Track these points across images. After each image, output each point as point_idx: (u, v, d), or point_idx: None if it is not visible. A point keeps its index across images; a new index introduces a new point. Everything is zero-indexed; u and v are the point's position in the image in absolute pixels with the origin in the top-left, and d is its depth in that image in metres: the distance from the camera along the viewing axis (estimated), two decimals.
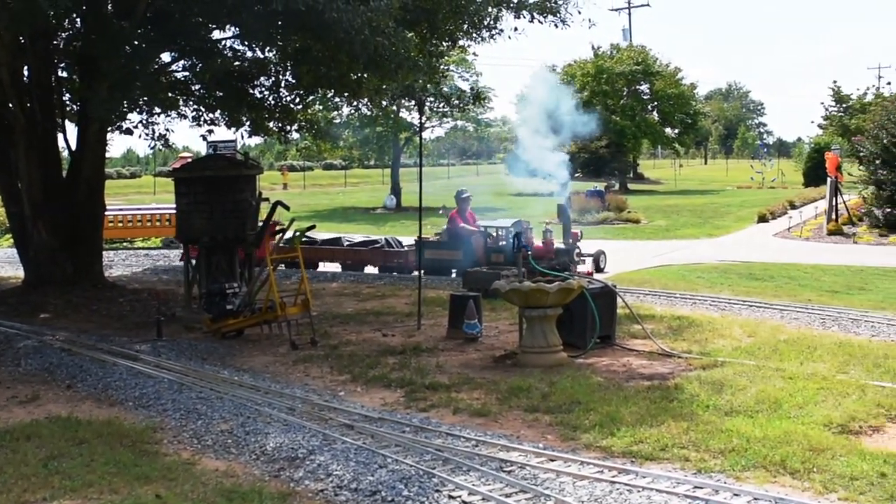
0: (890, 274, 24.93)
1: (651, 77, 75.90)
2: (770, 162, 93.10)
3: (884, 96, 65.95)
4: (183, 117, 22.95)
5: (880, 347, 13.86)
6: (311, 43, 18.07)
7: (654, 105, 77.39)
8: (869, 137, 37.22)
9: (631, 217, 42.70)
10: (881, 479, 8.45)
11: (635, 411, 10.70)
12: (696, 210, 46.85)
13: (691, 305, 18.28)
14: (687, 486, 8.37)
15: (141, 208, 37.50)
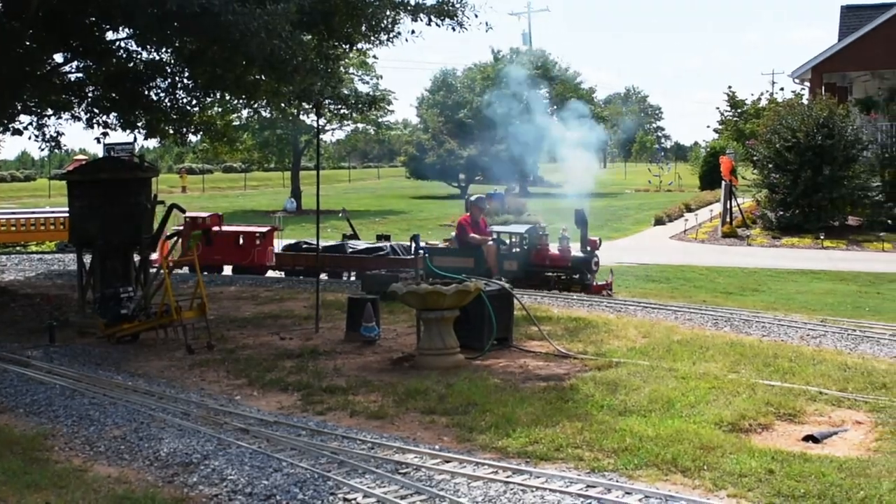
0: (782, 275, 25.48)
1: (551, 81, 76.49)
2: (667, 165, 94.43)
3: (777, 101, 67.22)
4: (77, 119, 22.52)
5: (770, 347, 14.14)
6: (207, 45, 17.87)
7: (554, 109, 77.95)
8: (762, 142, 37.93)
9: (530, 220, 42.91)
10: (769, 476, 8.62)
11: (531, 412, 10.78)
12: (595, 213, 46.87)
13: (588, 307, 18.46)
14: (580, 485, 8.46)
15: (35, 212, 36.78)
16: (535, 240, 21.62)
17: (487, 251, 21.47)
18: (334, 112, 57.39)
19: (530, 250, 21.53)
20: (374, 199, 64.64)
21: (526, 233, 21.71)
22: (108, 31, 19.78)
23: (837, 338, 15.22)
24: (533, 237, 21.66)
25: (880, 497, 8.00)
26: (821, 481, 8.41)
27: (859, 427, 10.52)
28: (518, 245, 21.68)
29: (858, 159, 36.15)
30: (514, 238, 21.87)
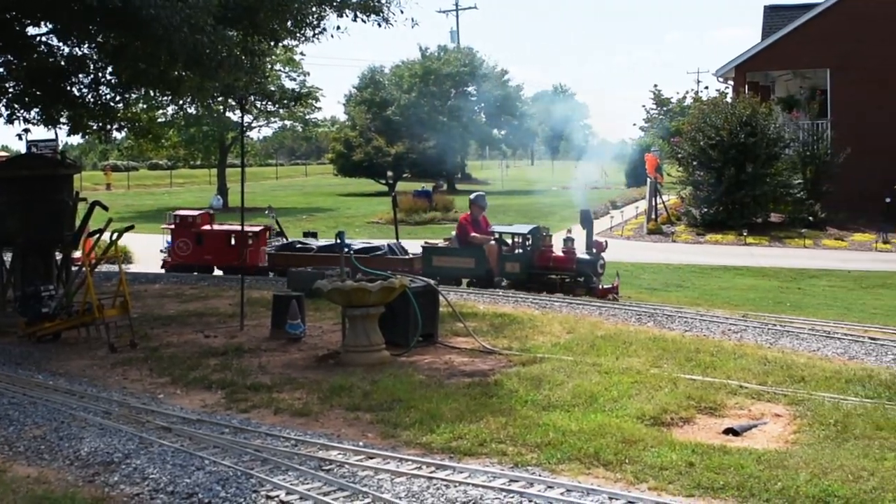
0: (706, 271, 25.81)
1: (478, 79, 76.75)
2: None
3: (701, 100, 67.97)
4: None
5: (692, 342, 14.30)
6: (129, 40, 17.67)
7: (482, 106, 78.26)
8: (687, 140, 38.32)
9: (457, 217, 42.97)
10: (689, 469, 8.72)
11: (455, 408, 10.81)
12: (523, 210, 47.47)
13: (513, 303, 18.54)
14: (503, 479, 8.50)
15: None
16: (538, 241, 20.90)
17: (489, 252, 20.93)
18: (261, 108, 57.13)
19: (533, 252, 20.82)
20: (301, 197, 64.42)
21: (529, 233, 20.95)
22: (29, 25, 19.47)
23: (758, 332, 15.42)
24: (536, 238, 20.92)
25: (797, 488, 8.12)
26: (740, 473, 8.53)
27: (778, 420, 10.67)
28: (521, 246, 21.02)
29: (781, 157, 36.69)
30: (516, 238, 21.20)
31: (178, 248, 24.98)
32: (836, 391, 11.53)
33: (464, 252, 21.30)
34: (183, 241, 25.11)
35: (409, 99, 74.11)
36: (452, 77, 75.54)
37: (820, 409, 10.72)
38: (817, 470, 8.55)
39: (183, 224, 25.14)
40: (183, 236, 25.15)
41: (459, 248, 21.52)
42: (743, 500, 8.08)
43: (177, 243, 25.06)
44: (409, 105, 73.73)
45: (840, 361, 13.34)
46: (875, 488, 8.10)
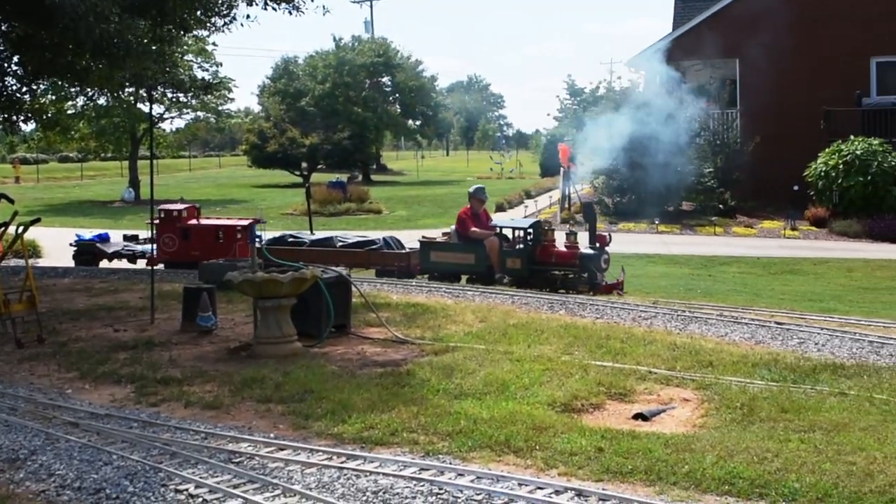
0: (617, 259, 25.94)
1: (392, 69, 76.72)
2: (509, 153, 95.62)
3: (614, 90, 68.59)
4: None
5: (603, 329, 14.44)
6: (35, 29, 17.38)
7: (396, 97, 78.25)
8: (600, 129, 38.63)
9: (373, 208, 43.11)
10: (598, 454, 8.80)
11: (367, 398, 10.79)
12: (437, 200, 47.65)
13: (427, 293, 18.57)
14: (413, 468, 8.51)
15: None
16: (540, 235, 20.22)
17: (490, 247, 20.31)
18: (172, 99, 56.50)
19: (535, 246, 20.09)
20: (215, 188, 63.89)
21: (530, 227, 20.34)
22: None
23: (668, 319, 15.61)
24: (538, 232, 20.24)
25: (703, 470, 8.24)
26: (648, 457, 8.63)
27: (686, 404, 10.82)
28: (522, 241, 20.32)
29: (691, 146, 37.16)
30: (517, 233, 20.55)
31: (163, 243, 23.90)
32: (742, 375, 11.73)
33: (463, 247, 20.74)
34: (168, 236, 24.04)
35: (323, 90, 73.89)
36: (367, 68, 75.47)
37: (727, 392, 10.88)
38: (723, 452, 8.68)
39: (168, 219, 24.06)
40: (168, 231, 24.07)
41: (459, 242, 20.94)
42: (651, 483, 8.18)
43: (162, 238, 23.94)
44: (323, 96, 73.53)
45: (747, 346, 13.55)
46: (779, 469, 8.25)
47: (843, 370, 11.91)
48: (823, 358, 12.69)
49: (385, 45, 78.61)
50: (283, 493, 8.04)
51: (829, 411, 10.11)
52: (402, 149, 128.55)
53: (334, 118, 71.11)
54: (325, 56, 77.46)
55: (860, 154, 34.15)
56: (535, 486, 8.02)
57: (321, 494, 7.97)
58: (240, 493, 8.04)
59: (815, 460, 8.46)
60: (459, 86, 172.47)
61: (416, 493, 7.98)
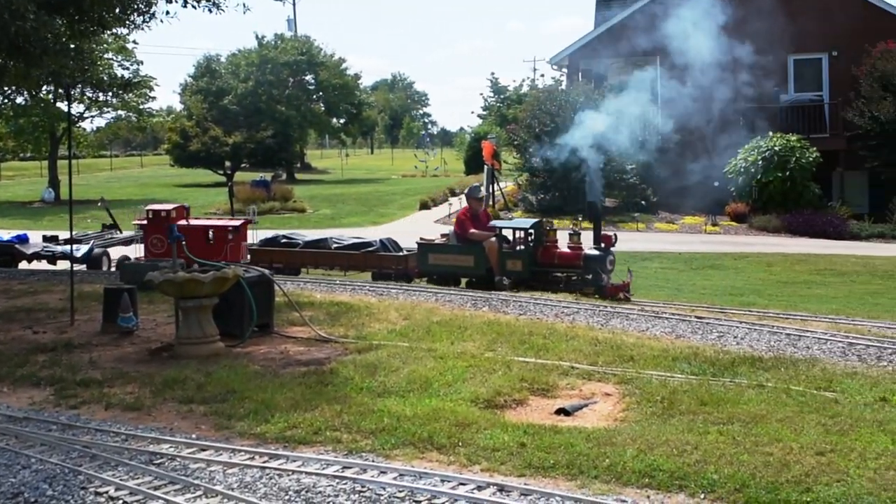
0: None
1: (316, 67, 76.41)
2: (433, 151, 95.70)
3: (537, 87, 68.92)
4: None
5: (526, 325, 14.51)
6: None
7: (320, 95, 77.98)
8: (523, 127, 38.88)
9: (297, 206, 42.94)
10: (520, 449, 8.86)
11: (290, 397, 10.76)
12: (362, 198, 47.58)
13: (351, 291, 18.54)
14: (336, 466, 8.51)
15: None
16: (541, 236, 19.49)
17: (489, 248, 19.57)
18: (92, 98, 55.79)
19: (536, 248, 19.37)
20: (137, 188, 63.14)
21: (532, 228, 19.56)
22: None
23: (590, 314, 15.74)
24: (539, 233, 19.51)
25: (624, 464, 8.34)
26: (569, 452, 8.70)
27: (608, 398, 10.93)
28: (523, 242, 19.54)
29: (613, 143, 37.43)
30: (518, 234, 19.75)
31: (151, 244, 23.14)
32: (663, 369, 11.87)
33: (462, 249, 19.97)
34: (157, 237, 23.18)
35: (246, 88, 73.40)
36: (290, 66, 75.09)
37: (648, 386, 11.01)
38: (644, 445, 8.78)
39: (156, 219, 23.25)
40: (156, 232, 23.16)
41: (458, 244, 20.16)
42: (572, 477, 8.25)
43: (150, 240, 23.19)
44: (246, 94, 73.03)
45: (668, 340, 13.71)
46: (698, 461, 8.36)
47: (761, 363, 12.11)
48: (742, 351, 12.88)
49: (308, 43, 78.25)
50: (205, 494, 7.99)
51: (747, 403, 10.27)
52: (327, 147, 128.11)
53: (257, 117, 70.66)
54: (247, 54, 76.93)
55: (778, 150, 34.72)
56: (458, 483, 8.06)
57: (243, 494, 7.94)
58: (161, 494, 7.98)
59: (733, 452, 8.59)
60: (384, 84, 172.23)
61: (338, 492, 7.97)
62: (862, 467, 8.18)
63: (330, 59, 78.21)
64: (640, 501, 7.74)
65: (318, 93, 78.23)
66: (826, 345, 13.40)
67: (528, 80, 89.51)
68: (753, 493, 7.75)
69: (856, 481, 7.86)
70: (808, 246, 31.36)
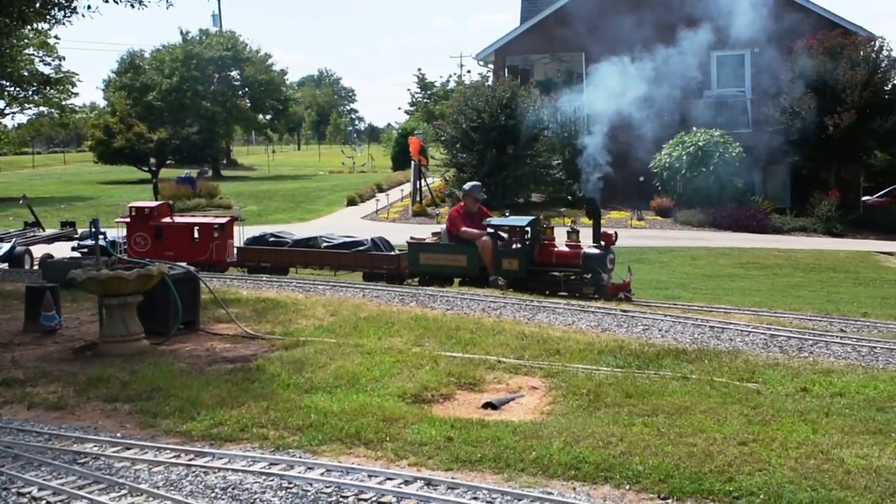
0: None
1: (241, 63, 75.90)
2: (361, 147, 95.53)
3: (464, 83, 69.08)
4: None
5: (453, 320, 14.54)
6: None
7: (246, 91, 77.50)
8: (449, 122, 38.95)
9: (223, 203, 42.64)
10: (448, 443, 8.89)
11: (216, 394, 10.69)
12: (289, 195, 47.36)
13: (277, 288, 18.44)
14: (263, 463, 8.48)
15: None
16: (538, 234, 18.73)
17: (482, 247, 18.76)
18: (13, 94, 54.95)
19: (533, 246, 18.55)
20: (60, 185, 62.32)
21: (528, 226, 18.69)
22: None
23: (517, 309, 15.80)
24: (536, 230, 18.73)
25: (550, 456, 8.39)
26: (496, 445, 8.74)
27: (534, 392, 10.99)
28: (519, 240, 18.67)
29: (540, 139, 37.74)
30: (513, 232, 18.83)
31: (134, 243, 22.26)
32: (589, 362, 11.97)
33: (454, 248, 19.19)
34: (140, 235, 22.40)
35: (170, 84, 72.68)
36: (215, 62, 74.49)
37: (574, 380, 11.09)
38: (570, 438, 8.85)
39: (139, 217, 22.53)
40: (140, 230, 22.46)
41: (450, 243, 19.36)
42: (499, 470, 8.30)
43: (133, 238, 22.34)
44: (170, 90, 72.33)
45: (593, 334, 13.81)
46: (623, 452, 8.45)
47: (685, 355, 12.25)
48: (667, 344, 13.02)
49: (234, 38, 77.70)
50: (130, 493, 7.92)
51: (671, 395, 10.40)
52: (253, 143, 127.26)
53: (182, 113, 70.04)
54: (172, 50, 76.16)
55: (703, 145, 35.13)
56: (385, 478, 8.07)
57: (169, 493, 7.88)
58: (85, 493, 7.90)
59: (657, 443, 8.68)
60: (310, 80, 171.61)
61: (265, 488, 7.95)
62: (783, 456, 8.31)
63: (256, 55, 77.72)
64: (567, 493, 7.80)
65: (244, 88, 77.72)
66: (749, 337, 13.59)
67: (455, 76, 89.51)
68: (678, 483, 7.85)
69: (777, 470, 7.98)
70: (731, 240, 31.76)
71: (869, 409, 9.85)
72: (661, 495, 7.76)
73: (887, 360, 12.20)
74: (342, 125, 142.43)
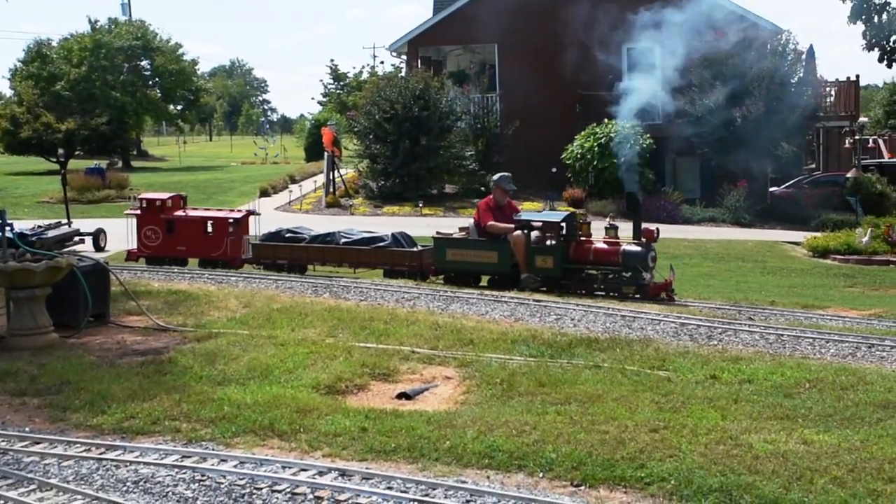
0: None
1: (152, 53, 74.95)
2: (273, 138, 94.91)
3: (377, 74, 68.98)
4: None
5: (367, 311, 14.52)
6: None
7: (156, 81, 76.56)
8: (362, 114, 38.87)
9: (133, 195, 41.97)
10: (362, 434, 8.91)
11: (128, 387, 10.57)
12: (200, 186, 46.84)
13: (190, 280, 18.24)
14: (175, 456, 8.42)
15: None
16: (574, 229, 17.62)
17: (515, 243, 17.55)
18: None
19: (569, 242, 17.41)
20: None
21: (563, 221, 17.54)
22: None
23: (431, 299, 15.81)
24: (572, 226, 17.62)
25: (464, 445, 8.45)
26: (411, 435, 8.78)
27: (448, 382, 11.04)
28: (554, 236, 17.51)
29: (453, 130, 37.84)
30: (548, 228, 17.62)
31: (145, 237, 21.03)
32: (502, 352, 12.05)
33: (485, 244, 18.05)
34: (151, 228, 21.12)
35: (79, 73, 71.45)
36: (125, 51, 73.40)
37: (487, 369, 11.17)
38: (484, 427, 8.92)
39: (150, 209, 21.21)
40: (150, 223, 21.16)
41: (479, 239, 18.25)
42: (414, 460, 8.34)
43: (143, 232, 21.09)
44: (79, 80, 71.12)
45: (507, 323, 13.89)
46: (537, 441, 8.54)
47: (597, 344, 12.39)
48: (579, 333, 13.14)
49: (143, 27, 76.64)
50: (39, 488, 7.82)
51: (584, 383, 10.51)
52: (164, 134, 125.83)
53: (91, 103, 68.88)
54: (80, 39, 74.88)
55: (614, 137, 35.42)
56: (299, 469, 8.06)
57: (79, 487, 7.80)
58: None
59: (570, 431, 8.78)
60: (222, 70, 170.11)
61: (178, 481, 7.90)
62: (693, 443, 8.46)
63: (166, 45, 76.75)
64: (481, 482, 7.85)
65: (155, 79, 76.73)
66: (659, 325, 13.77)
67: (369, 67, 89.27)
68: (590, 470, 7.95)
69: (687, 456, 8.12)
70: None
71: (776, 396, 10.05)
72: (574, 482, 7.86)
73: (794, 348, 12.45)
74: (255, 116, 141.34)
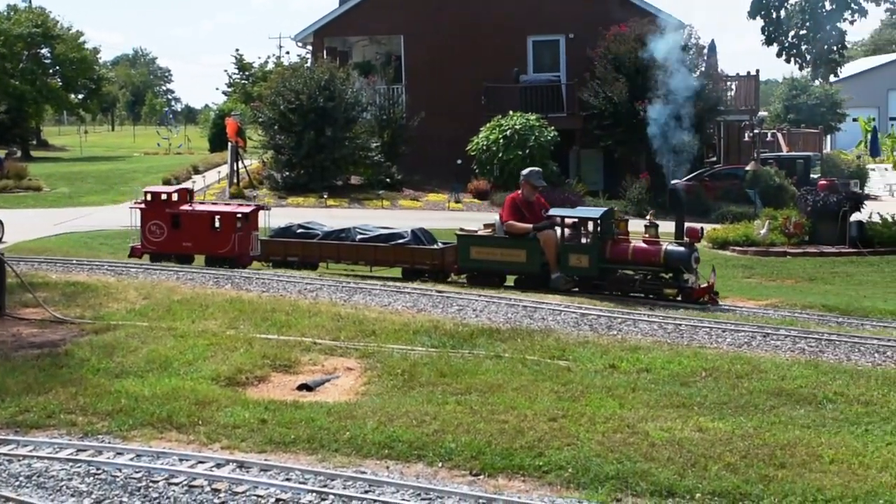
0: None
1: (52, 40, 73.60)
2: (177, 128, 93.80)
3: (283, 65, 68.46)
4: None
5: (269, 302, 14.43)
6: None
7: (56, 70, 75.22)
8: (267, 104, 38.57)
9: (32, 185, 41.17)
10: (262, 426, 8.89)
11: (22, 380, 10.41)
12: (102, 177, 46.16)
13: (88, 271, 17.93)
14: (70, 449, 8.32)
15: None
16: (610, 227, 16.59)
17: (545, 241, 16.51)
18: None
19: (605, 241, 16.32)
20: None
21: (600, 218, 16.44)
22: None
23: (333, 290, 15.75)
24: (608, 223, 16.55)
25: (364, 436, 8.47)
26: (310, 426, 8.77)
27: (350, 373, 11.05)
28: (589, 234, 16.49)
29: (358, 121, 37.71)
30: (583, 224, 16.61)
31: (149, 232, 19.95)
32: (404, 343, 12.08)
33: (512, 242, 16.98)
34: (156, 223, 20.04)
35: None
36: (24, 38, 71.90)
37: (389, 360, 11.20)
38: (384, 418, 8.94)
39: (155, 203, 20.13)
40: (156, 218, 20.08)
41: (506, 237, 17.14)
42: (313, 451, 8.34)
43: (148, 227, 20.01)
44: None
45: (409, 314, 13.89)
46: (437, 431, 8.58)
47: (498, 334, 12.48)
48: (481, 323, 13.21)
49: (43, 15, 75.15)
50: None
51: (484, 374, 10.59)
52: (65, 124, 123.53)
53: None
54: None
55: (519, 129, 35.58)
56: (197, 461, 8.02)
57: None
58: None
59: (470, 421, 8.84)
60: (124, 59, 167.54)
61: (72, 475, 7.81)
62: (591, 431, 8.56)
63: (67, 33, 75.35)
64: (380, 472, 7.88)
65: (55, 67, 75.31)
66: (560, 316, 13.88)
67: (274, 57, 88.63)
68: (489, 459, 8.01)
69: (585, 444, 8.22)
70: None
71: (673, 384, 10.22)
72: (473, 472, 7.91)
73: (691, 338, 12.65)
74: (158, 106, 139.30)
